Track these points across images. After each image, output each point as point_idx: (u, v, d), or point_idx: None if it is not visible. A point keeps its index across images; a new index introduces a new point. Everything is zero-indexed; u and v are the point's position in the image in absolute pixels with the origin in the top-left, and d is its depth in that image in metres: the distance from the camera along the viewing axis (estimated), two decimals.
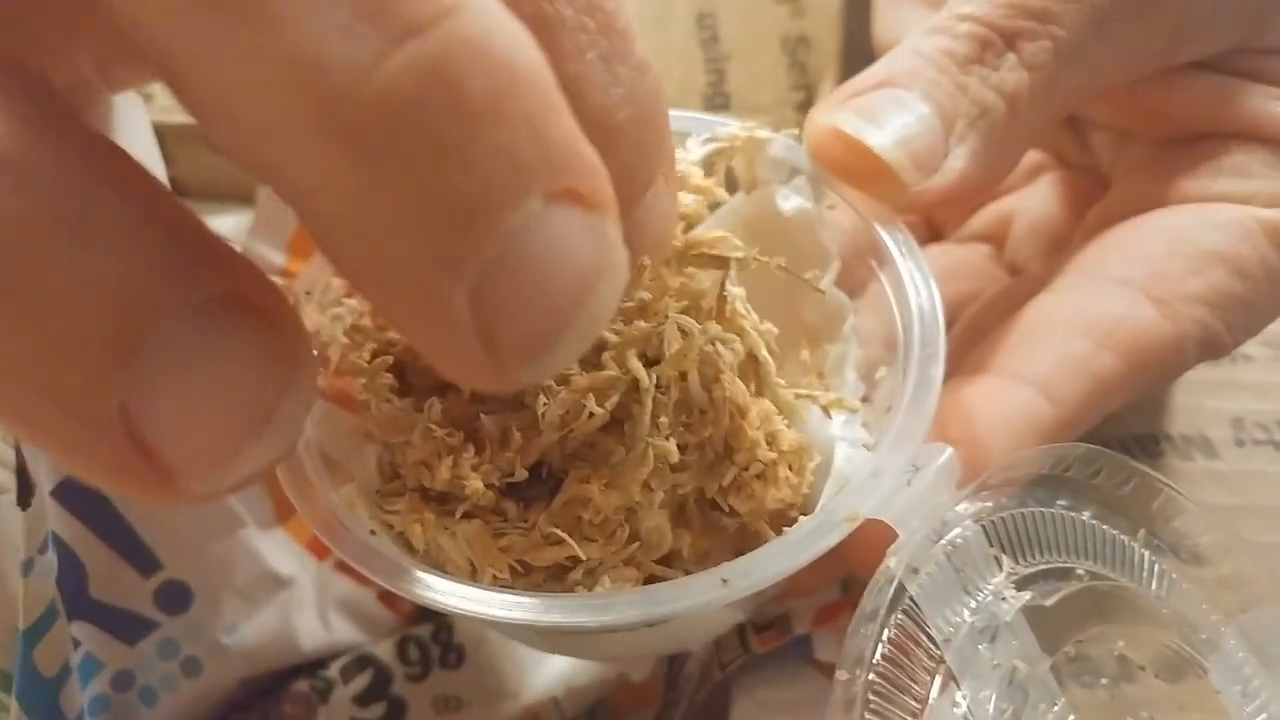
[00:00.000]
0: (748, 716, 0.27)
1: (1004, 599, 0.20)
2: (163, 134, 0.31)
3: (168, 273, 0.12)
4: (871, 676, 0.18)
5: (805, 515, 0.21)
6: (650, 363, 0.21)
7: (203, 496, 0.12)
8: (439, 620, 0.33)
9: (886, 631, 0.19)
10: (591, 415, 0.20)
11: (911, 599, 0.19)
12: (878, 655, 0.19)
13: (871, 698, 0.18)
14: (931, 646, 0.19)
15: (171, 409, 0.12)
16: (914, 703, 0.19)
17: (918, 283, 0.23)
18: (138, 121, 0.29)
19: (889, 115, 0.24)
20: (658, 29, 0.42)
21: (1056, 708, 0.20)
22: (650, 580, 0.21)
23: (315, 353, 0.13)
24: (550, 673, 0.31)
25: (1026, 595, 0.20)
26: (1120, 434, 0.32)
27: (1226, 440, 0.32)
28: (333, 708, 0.32)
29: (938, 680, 0.19)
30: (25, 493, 0.28)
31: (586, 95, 0.15)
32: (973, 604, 0.20)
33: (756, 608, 0.26)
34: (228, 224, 0.38)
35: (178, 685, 0.31)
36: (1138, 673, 0.22)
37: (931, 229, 0.35)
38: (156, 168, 0.31)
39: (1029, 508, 0.21)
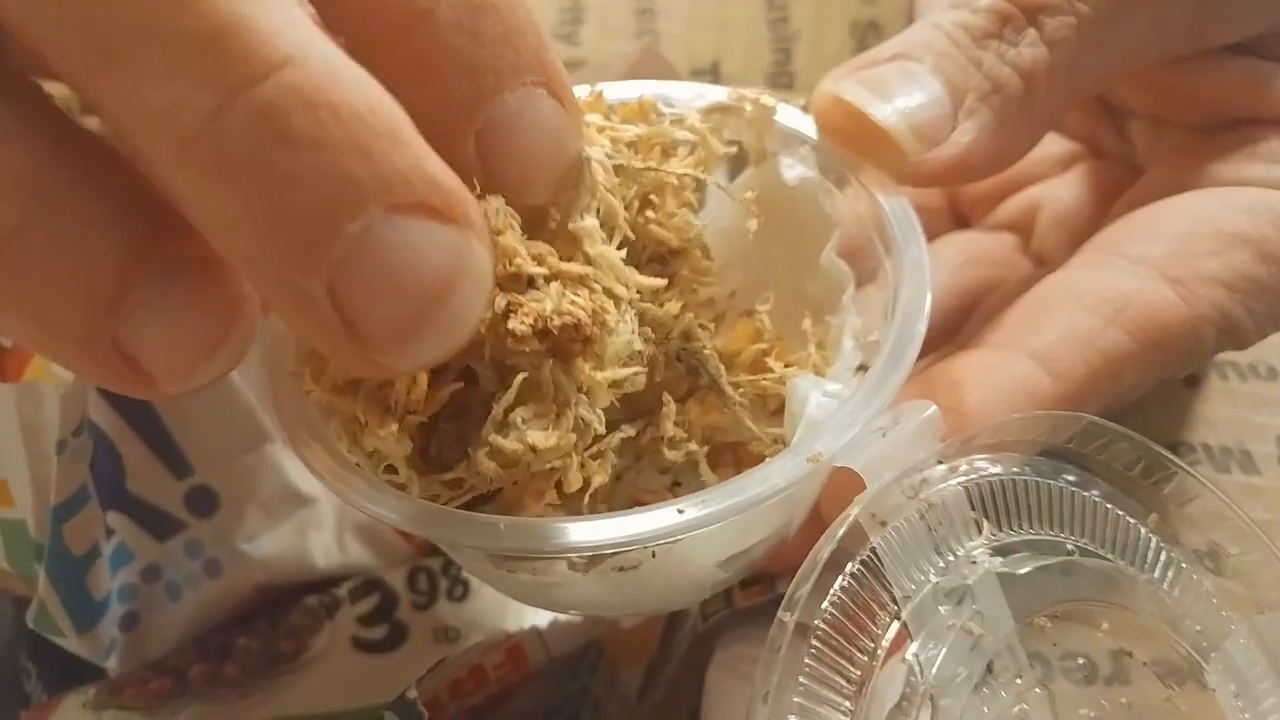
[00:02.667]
0: (724, 668, 0.25)
1: (975, 562, 0.18)
2: None
3: (141, 246, 0.15)
4: (816, 623, 0.17)
5: None
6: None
7: (173, 393, 0.16)
8: None
9: (839, 580, 0.17)
10: None
11: (873, 551, 0.18)
12: (825, 603, 0.17)
13: (814, 645, 0.17)
14: (890, 602, 0.18)
15: (148, 341, 0.15)
16: (861, 655, 0.17)
17: (911, 246, 0.22)
18: None
19: (896, 87, 0.23)
20: (729, 3, 0.41)
21: (1020, 681, 0.18)
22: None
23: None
24: (545, 611, 0.30)
25: (999, 561, 0.18)
26: (1151, 439, 0.29)
27: (1269, 456, 0.29)
28: (338, 623, 0.31)
29: (890, 635, 0.17)
30: None
31: None
32: (941, 564, 0.18)
33: (744, 569, 0.24)
34: None
35: (200, 584, 0.32)
36: (1123, 660, 0.19)
37: (958, 217, 0.33)
38: None
39: (1025, 476, 0.19)
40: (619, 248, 0.20)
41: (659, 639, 0.31)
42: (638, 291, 0.20)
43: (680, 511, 0.17)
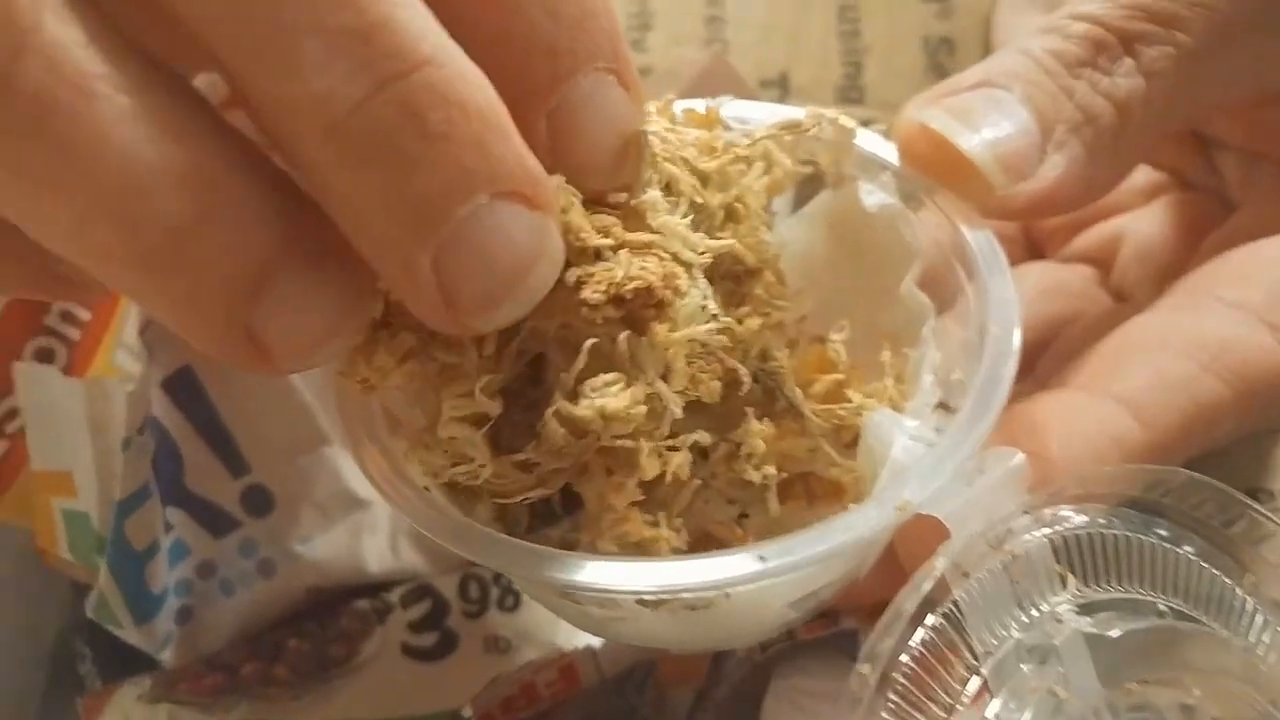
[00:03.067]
0: (782, 700, 0.25)
1: (1060, 620, 0.18)
2: None
3: (283, 240, 0.16)
4: (895, 675, 0.16)
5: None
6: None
7: (285, 371, 0.17)
8: None
9: (920, 632, 0.17)
10: None
11: (955, 603, 0.17)
12: (904, 655, 0.16)
13: (892, 698, 0.16)
14: (970, 657, 0.17)
15: (279, 325, 0.16)
16: (939, 711, 0.16)
17: (997, 281, 0.21)
18: None
19: (982, 116, 0.22)
20: (800, 14, 0.40)
21: None
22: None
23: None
24: None
25: (1087, 621, 0.18)
26: (1232, 484, 0.28)
27: None
28: (388, 629, 0.31)
29: (970, 692, 0.17)
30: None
31: None
32: (1025, 620, 0.18)
33: (814, 609, 0.24)
34: None
35: (253, 583, 0.32)
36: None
37: (1033, 247, 0.32)
38: None
39: (1114, 530, 0.19)
40: (686, 215, 0.20)
41: (709, 662, 0.31)
42: (707, 255, 0.20)
43: (762, 558, 0.17)
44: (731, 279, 0.22)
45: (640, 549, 0.19)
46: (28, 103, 0.14)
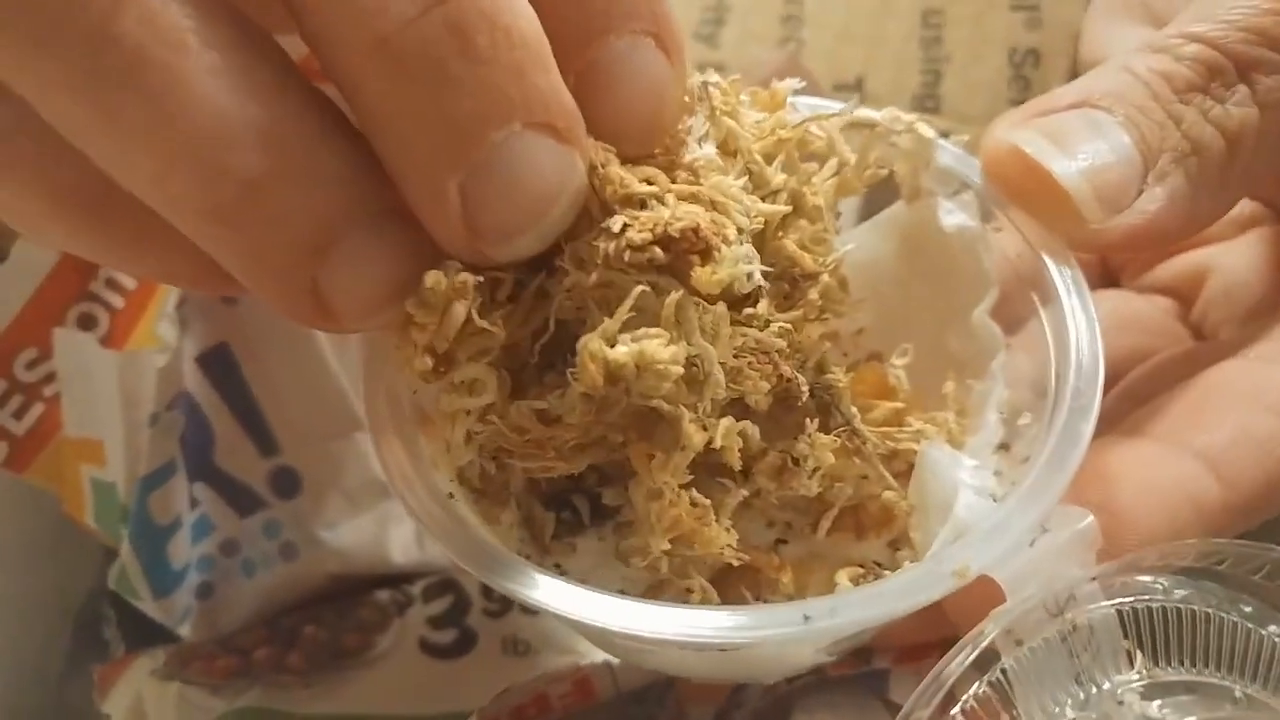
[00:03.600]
0: None
1: (1122, 703, 0.16)
2: None
3: (352, 200, 0.16)
4: None
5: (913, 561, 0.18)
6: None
7: (351, 331, 0.17)
8: None
9: (964, 700, 0.15)
10: None
11: (1004, 672, 0.16)
12: None
13: None
14: None
15: (345, 283, 0.16)
16: None
17: (1080, 326, 0.19)
18: None
19: (1080, 140, 0.20)
20: (880, 18, 0.38)
21: None
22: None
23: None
24: None
25: (1154, 706, 0.16)
26: None
27: None
28: (406, 622, 0.31)
29: None
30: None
31: None
32: (1081, 697, 0.16)
33: (848, 650, 0.22)
34: None
35: (274, 565, 0.31)
36: None
37: (1106, 272, 0.30)
38: None
39: (1191, 604, 0.17)
40: (740, 177, 0.19)
41: (731, 686, 0.29)
42: (759, 219, 0.18)
43: (807, 618, 0.15)
44: (787, 281, 0.20)
45: (695, 541, 0.17)
46: (123, 53, 0.14)
